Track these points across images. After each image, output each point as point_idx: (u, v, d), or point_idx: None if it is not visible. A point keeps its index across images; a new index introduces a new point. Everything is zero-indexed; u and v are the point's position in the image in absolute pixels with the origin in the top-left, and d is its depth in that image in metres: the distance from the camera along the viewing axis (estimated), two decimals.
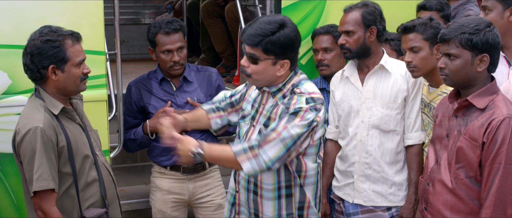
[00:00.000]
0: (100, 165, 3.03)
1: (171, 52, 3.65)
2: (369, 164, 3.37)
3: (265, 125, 2.84)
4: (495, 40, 2.65)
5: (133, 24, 7.32)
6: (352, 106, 3.39)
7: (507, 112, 2.60)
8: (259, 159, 2.69)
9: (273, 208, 2.90)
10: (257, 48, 2.73)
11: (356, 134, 3.38)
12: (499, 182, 2.57)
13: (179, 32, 3.67)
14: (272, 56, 2.74)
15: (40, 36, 2.84)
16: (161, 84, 3.77)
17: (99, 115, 3.53)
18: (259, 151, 2.69)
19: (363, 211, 3.41)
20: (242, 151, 2.71)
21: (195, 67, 3.85)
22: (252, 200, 2.93)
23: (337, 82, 3.53)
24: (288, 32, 2.74)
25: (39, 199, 2.78)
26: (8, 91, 3.35)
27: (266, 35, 2.71)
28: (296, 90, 2.79)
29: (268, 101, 2.90)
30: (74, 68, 2.88)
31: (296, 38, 2.78)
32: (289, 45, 2.74)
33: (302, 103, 2.71)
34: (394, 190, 3.37)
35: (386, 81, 3.35)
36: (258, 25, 2.74)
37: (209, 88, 3.77)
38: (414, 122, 3.33)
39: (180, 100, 3.72)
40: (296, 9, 4.03)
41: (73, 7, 3.45)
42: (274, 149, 2.68)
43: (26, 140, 2.76)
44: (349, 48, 3.38)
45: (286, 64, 2.78)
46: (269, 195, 2.88)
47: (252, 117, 2.95)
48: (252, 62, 2.77)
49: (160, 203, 3.82)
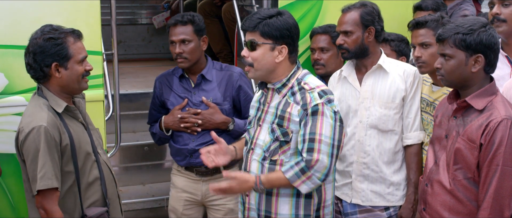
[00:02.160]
0: (101, 163, 3.04)
1: (174, 43, 3.65)
2: (367, 164, 3.37)
3: (278, 125, 2.85)
4: (490, 41, 2.64)
5: (129, 24, 7.32)
6: (350, 106, 3.39)
7: (505, 114, 2.59)
8: (313, 179, 2.78)
9: (290, 206, 2.89)
10: (255, 32, 2.82)
11: (354, 134, 3.38)
12: (496, 184, 2.57)
13: (187, 25, 3.65)
14: (270, 39, 2.80)
15: (42, 34, 2.85)
16: (181, 81, 3.76)
17: (96, 115, 3.52)
18: (311, 172, 2.77)
19: (361, 210, 3.42)
20: (296, 177, 2.77)
21: (218, 65, 3.81)
22: (265, 201, 2.92)
23: (335, 82, 3.53)
24: (286, 17, 2.84)
25: (42, 198, 2.78)
26: (5, 91, 3.35)
27: (264, 18, 2.81)
28: (305, 86, 2.84)
29: (273, 98, 2.92)
30: (76, 65, 2.89)
31: (293, 24, 2.86)
32: (286, 29, 2.82)
33: (316, 99, 2.79)
34: (392, 189, 3.38)
35: (384, 81, 3.35)
36: (258, 12, 2.87)
37: (229, 88, 3.72)
38: (412, 121, 3.34)
39: (196, 98, 3.71)
40: (293, 9, 4.03)
41: (70, 7, 3.45)
42: (322, 164, 2.76)
43: (30, 138, 2.77)
44: (347, 48, 3.37)
45: (284, 49, 2.83)
46: (287, 192, 2.87)
47: (257, 118, 2.97)
48: (251, 48, 2.84)
49: (174, 200, 3.85)
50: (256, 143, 2.94)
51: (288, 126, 2.83)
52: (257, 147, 2.93)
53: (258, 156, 2.92)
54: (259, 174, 2.85)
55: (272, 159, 2.88)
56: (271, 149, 2.88)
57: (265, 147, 2.89)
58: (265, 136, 2.90)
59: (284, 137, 2.85)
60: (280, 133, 2.85)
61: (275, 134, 2.86)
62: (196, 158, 3.64)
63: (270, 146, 2.88)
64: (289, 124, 2.83)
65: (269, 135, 2.88)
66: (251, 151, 2.96)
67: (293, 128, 2.83)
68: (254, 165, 2.92)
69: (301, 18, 4.06)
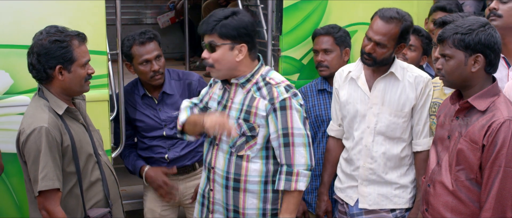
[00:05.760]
0: (103, 164, 3.04)
1: (149, 62, 3.63)
2: (373, 170, 3.35)
3: (245, 120, 2.88)
4: (489, 40, 2.63)
5: (134, 24, 7.34)
6: (358, 111, 3.34)
7: (508, 115, 2.59)
8: (302, 173, 2.87)
9: (258, 200, 2.93)
10: (213, 34, 2.85)
11: (361, 139, 3.35)
12: (498, 185, 2.57)
13: (153, 41, 3.65)
14: (228, 40, 2.84)
15: (48, 36, 2.84)
16: (143, 99, 3.77)
17: (101, 115, 3.54)
18: (295, 169, 2.86)
19: (367, 211, 3.40)
20: (290, 182, 2.87)
21: (176, 75, 3.81)
22: (232, 197, 2.95)
23: (341, 81, 3.45)
24: (241, 16, 2.87)
25: (44, 199, 2.79)
26: (9, 91, 3.36)
27: (220, 19, 2.84)
28: (270, 81, 2.89)
29: (236, 94, 2.94)
30: (79, 69, 2.89)
31: (249, 22, 2.89)
32: (243, 27, 2.85)
33: (283, 94, 2.84)
34: (398, 192, 3.35)
35: (394, 88, 3.28)
36: (213, 14, 2.89)
37: (190, 96, 3.71)
38: (422, 128, 3.30)
39: (163, 114, 3.73)
40: (298, 9, 4.03)
41: (75, 7, 3.45)
42: (300, 155, 2.85)
43: (31, 139, 2.77)
44: (375, 58, 3.22)
45: (243, 48, 2.86)
46: (255, 188, 2.92)
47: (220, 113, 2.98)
48: (211, 50, 2.87)
49: (151, 201, 3.86)
50: (221, 139, 2.96)
51: (254, 121, 2.87)
52: (222, 143, 2.96)
53: (224, 152, 2.95)
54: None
55: (238, 155, 2.91)
56: (237, 145, 2.91)
57: (231, 143, 2.92)
58: None
59: (251, 132, 2.88)
60: (247, 127, 2.88)
61: (242, 129, 2.89)
62: (174, 164, 3.72)
63: (236, 141, 2.91)
64: (255, 119, 2.87)
65: (235, 131, 2.90)
66: (216, 147, 2.99)
67: (259, 123, 2.87)
68: (220, 161, 2.96)
69: (306, 18, 4.05)
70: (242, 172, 2.92)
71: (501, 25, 3.22)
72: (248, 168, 2.91)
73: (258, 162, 2.92)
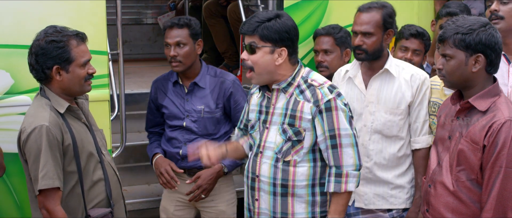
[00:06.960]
0: (106, 164, 3.04)
1: (169, 46, 3.64)
2: (369, 169, 3.35)
3: (290, 125, 2.84)
4: (490, 40, 2.62)
5: (135, 24, 7.34)
6: (354, 109, 3.35)
7: (509, 115, 2.58)
8: (351, 174, 2.83)
9: (306, 205, 2.89)
10: (255, 35, 2.80)
11: (358, 137, 3.35)
12: (499, 185, 2.56)
13: (183, 28, 3.63)
14: (269, 43, 2.79)
15: (45, 36, 2.84)
16: (175, 86, 3.76)
17: (101, 115, 3.54)
18: (344, 170, 2.82)
19: (363, 211, 3.41)
20: (340, 184, 2.82)
21: (213, 71, 3.78)
22: (280, 203, 2.90)
23: (339, 80, 3.48)
24: (284, 20, 2.82)
25: (44, 198, 2.79)
26: (10, 91, 3.36)
27: (263, 21, 2.79)
28: (313, 83, 2.85)
29: (278, 99, 2.90)
30: (78, 69, 2.88)
31: (292, 26, 2.84)
32: (285, 31, 2.80)
33: (328, 95, 2.80)
34: (395, 192, 3.36)
35: (390, 85, 3.30)
36: (256, 15, 2.85)
37: (220, 95, 3.70)
38: (421, 126, 3.31)
39: (188, 105, 3.70)
40: (298, 9, 4.03)
41: (76, 7, 3.46)
42: (349, 156, 2.81)
43: (32, 138, 2.77)
44: (365, 50, 3.27)
45: (284, 52, 2.82)
46: (303, 192, 2.87)
47: (263, 121, 2.94)
48: (251, 52, 2.83)
49: (165, 200, 3.86)
50: (265, 146, 2.91)
51: (300, 125, 2.83)
52: (267, 150, 2.90)
53: (269, 159, 2.89)
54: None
55: (285, 160, 2.86)
56: (283, 150, 2.86)
57: (276, 149, 2.87)
58: (275, 138, 2.88)
59: (297, 136, 2.84)
60: (292, 132, 2.84)
61: (287, 134, 2.85)
62: (187, 162, 3.66)
63: (282, 147, 2.86)
64: (301, 123, 2.82)
65: (281, 136, 2.86)
66: (259, 155, 2.93)
67: (305, 126, 2.82)
68: (265, 168, 2.90)
69: (306, 18, 4.06)
70: (289, 178, 2.86)
71: (504, 27, 3.21)
72: (295, 172, 2.85)
73: (305, 165, 2.86)
